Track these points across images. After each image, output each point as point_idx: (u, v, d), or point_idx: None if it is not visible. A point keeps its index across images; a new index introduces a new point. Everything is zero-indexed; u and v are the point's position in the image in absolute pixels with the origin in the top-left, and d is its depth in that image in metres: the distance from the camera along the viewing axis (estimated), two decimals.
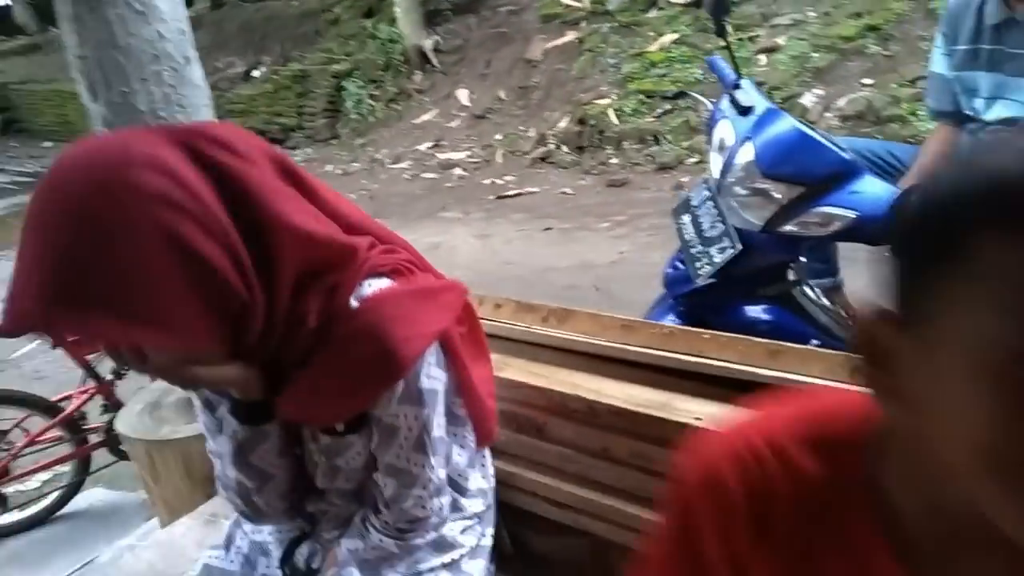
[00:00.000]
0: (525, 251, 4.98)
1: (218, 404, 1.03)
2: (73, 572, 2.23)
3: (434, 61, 8.63)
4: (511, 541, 1.28)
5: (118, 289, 0.73)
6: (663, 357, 1.16)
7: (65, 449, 2.64)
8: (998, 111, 1.78)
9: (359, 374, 0.93)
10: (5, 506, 2.61)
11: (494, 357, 1.34)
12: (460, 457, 1.12)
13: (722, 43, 1.94)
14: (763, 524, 0.60)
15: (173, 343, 0.78)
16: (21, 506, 2.68)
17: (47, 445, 2.65)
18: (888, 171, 2.10)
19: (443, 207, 6.28)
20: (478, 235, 5.44)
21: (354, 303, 0.93)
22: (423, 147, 7.75)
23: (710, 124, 1.88)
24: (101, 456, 2.70)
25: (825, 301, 1.95)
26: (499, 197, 6.24)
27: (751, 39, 6.19)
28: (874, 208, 1.61)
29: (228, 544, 1.21)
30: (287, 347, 0.91)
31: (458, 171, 7.08)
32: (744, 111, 1.76)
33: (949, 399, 0.43)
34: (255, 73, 10.29)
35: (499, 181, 6.65)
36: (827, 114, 5.37)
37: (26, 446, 2.56)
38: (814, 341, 1.78)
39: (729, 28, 1.96)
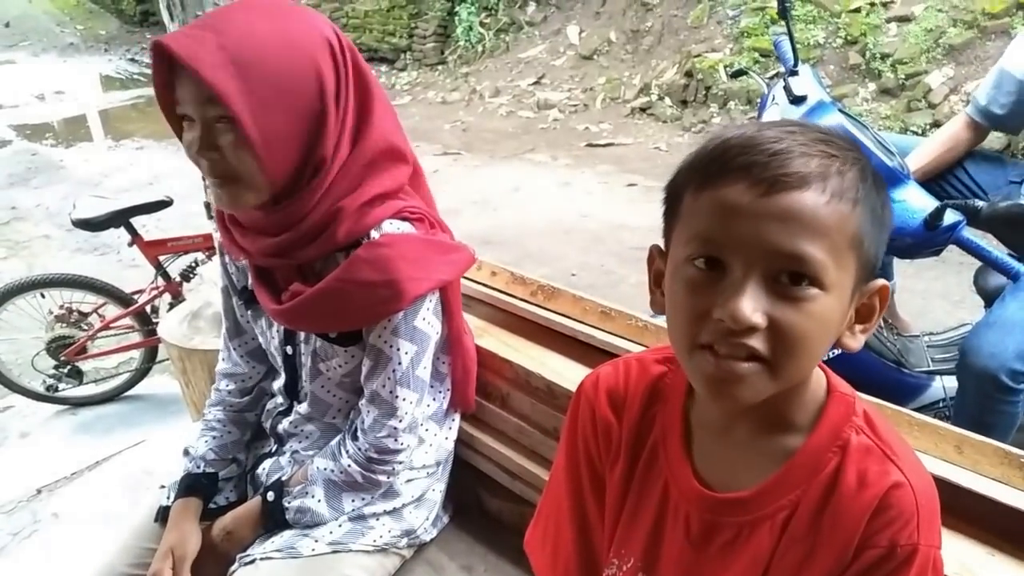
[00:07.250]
0: (603, 205, 4.91)
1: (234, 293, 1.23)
2: (124, 449, 2.50)
3: None
4: (468, 497, 1.34)
5: (262, 74, 0.92)
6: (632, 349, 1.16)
7: (136, 338, 2.90)
8: None
9: (361, 297, 1.03)
10: (81, 379, 2.90)
11: (477, 323, 1.38)
12: (428, 408, 1.18)
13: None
14: (612, 433, 0.75)
15: (255, 132, 0.93)
16: (96, 381, 2.99)
17: (121, 332, 2.91)
18: None
19: (532, 148, 6.25)
20: (561, 182, 5.40)
21: (375, 235, 1.03)
22: (524, 83, 7.66)
23: (760, 109, 1.80)
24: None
25: None
26: (589, 145, 6.14)
27: (884, 4, 5.71)
28: (907, 220, 1.52)
29: None
30: (308, 250, 1.04)
31: (554, 113, 6.98)
32: (796, 100, 1.67)
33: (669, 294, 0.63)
34: None
35: (593, 128, 6.53)
36: (952, 97, 4.94)
37: (101, 330, 2.82)
38: None
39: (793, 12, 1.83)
